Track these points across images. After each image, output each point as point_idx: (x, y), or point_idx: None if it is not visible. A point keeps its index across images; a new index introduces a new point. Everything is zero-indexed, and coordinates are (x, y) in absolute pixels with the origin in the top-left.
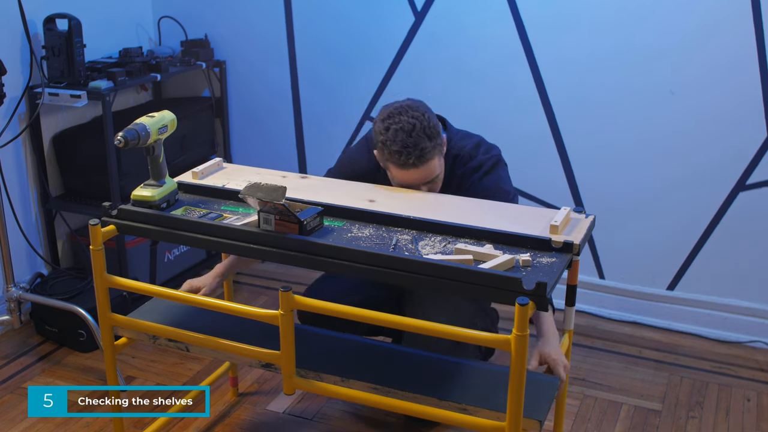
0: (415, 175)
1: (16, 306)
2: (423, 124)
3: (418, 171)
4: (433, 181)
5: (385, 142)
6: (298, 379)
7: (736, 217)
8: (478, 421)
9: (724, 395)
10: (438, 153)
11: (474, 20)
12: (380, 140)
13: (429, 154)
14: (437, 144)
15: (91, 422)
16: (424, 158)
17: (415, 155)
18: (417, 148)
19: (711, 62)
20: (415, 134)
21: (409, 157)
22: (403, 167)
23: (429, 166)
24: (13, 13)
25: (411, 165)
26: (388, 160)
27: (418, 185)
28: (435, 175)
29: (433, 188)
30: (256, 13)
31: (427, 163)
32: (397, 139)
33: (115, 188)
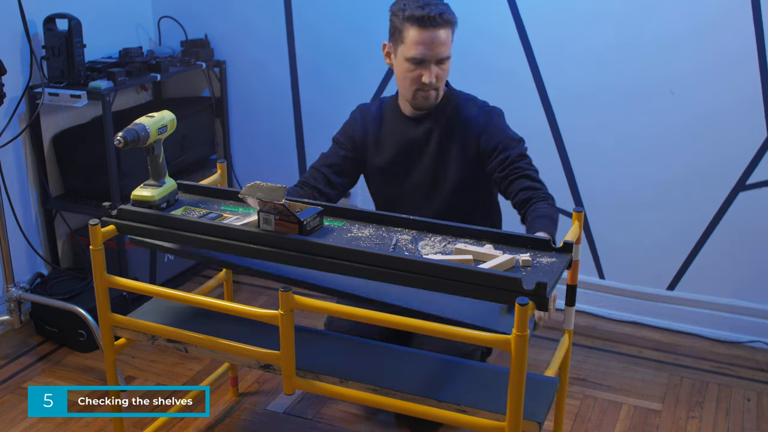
0: (432, 39)
1: (16, 306)
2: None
3: (436, 34)
4: (443, 61)
5: (406, 4)
6: (298, 379)
7: (736, 217)
8: (478, 422)
9: (724, 395)
10: (452, 29)
11: (473, 18)
12: (400, 6)
13: (448, 17)
14: (454, 17)
15: (91, 422)
16: (444, 18)
17: (436, 11)
18: (438, 7)
19: (711, 62)
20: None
21: (431, 11)
22: (424, 26)
23: (444, 34)
24: (13, 13)
25: (431, 22)
26: (407, 20)
27: (431, 60)
28: (447, 54)
29: (441, 75)
30: (256, 12)
31: (444, 28)
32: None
33: (115, 188)
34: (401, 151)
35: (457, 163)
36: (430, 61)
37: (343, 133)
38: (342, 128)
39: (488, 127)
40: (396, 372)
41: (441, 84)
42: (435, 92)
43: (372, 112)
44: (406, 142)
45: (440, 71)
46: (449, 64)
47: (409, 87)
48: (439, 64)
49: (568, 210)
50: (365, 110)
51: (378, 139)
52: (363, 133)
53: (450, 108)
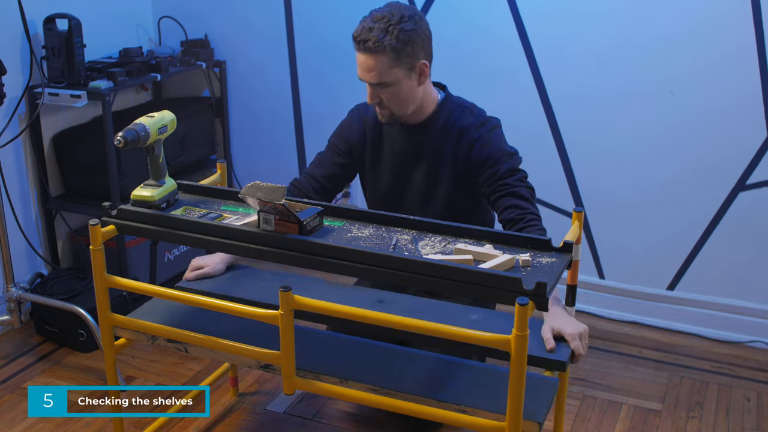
0: (362, 61)
1: (16, 306)
2: (392, 20)
3: (365, 59)
4: (381, 86)
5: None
6: (298, 379)
7: (736, 217)
8: (478, 422)
9: (724, 395)
10: (389, 56)
11: (473, 19)
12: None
13: (375, 46)
14: (390, 45)
15: (91, 422)
16: (368, 47)
17: (363, 36)
18: (370, 32)
19: (711, 62)
20: (380, 23)
21: (359, 35)
22: (357, 47)
23: (372, 60)
24: (13, 13)
25: (360, 46)
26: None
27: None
28: (378, 81)
29: (387, 97)
30: (256, 12)
31: (374, 55)
32: (365, 20)
33: (115, 188)
34: (397, 161)
35: (451, 174)
36: (367, 83)
37: (340, 136)
38: (339, 130)
39: (481, 138)
40: (396, 372)
41: (392, 106)
42: (387, 111)
43: (370, 114)
44: (401, 152)
45: (383, 94)
46: (398, 88)
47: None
48: (380, 88)
49: (568, 210)
50: (363, 113)
51: (375, 146)
52: (360, 136)
53: (445, 118)
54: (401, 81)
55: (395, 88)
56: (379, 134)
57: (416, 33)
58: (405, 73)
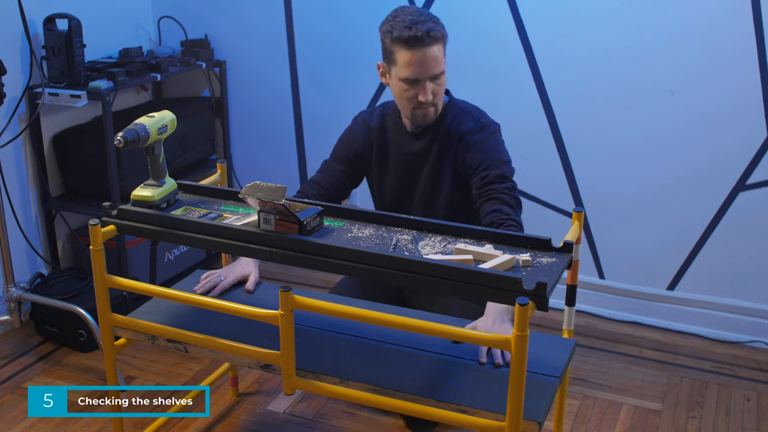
0: (423, 57)
1: (16, 306)
2: (427, 13)
3: (426, 52)
4: (438, 77)
5: (393, 25)
6: (298, 379)
7: (736, 217)
8: (478, 422)
9: (724, 395)
10: (443, 43)
11: (473, 19)
12: (387, 27)
13: (437, 34)
14: (443, 31)
15: (91, 422)
16: (432, 36)
17: (423, 29)
18: (425, 25)
19: (711, 62)
20: (423, 16)
21: (418, 30)
22: (413, 45)
23: (435, 51)
24: (13, 13)
25: (419, 42)
26: (396, 42)
27: (425, 79)
28: (441, 70)
29: (437, 90)
30: (256, 13)
31: (433, 45)
32: (406, 19)
33: (115, 188)
34: (402, 166)
35: (451, 178)
36: (424, 80)
37: (344, 147)
38: (343, 138)
39: (477, 143)
40: (396, 372)
41: (438, 99)
42: (434, 108)
43: (374, 124)
44: (407, 158)
45: (436, 87)
46: (445, 77)
47: (407, 106)
48: (434, 81)
49: (568, 210)
50: (367, 122)
51: (381, 148)
52: (365, 142)
53: (447, 122)
54: (445, 69)
55: (444, 77)
56: (384, 141)
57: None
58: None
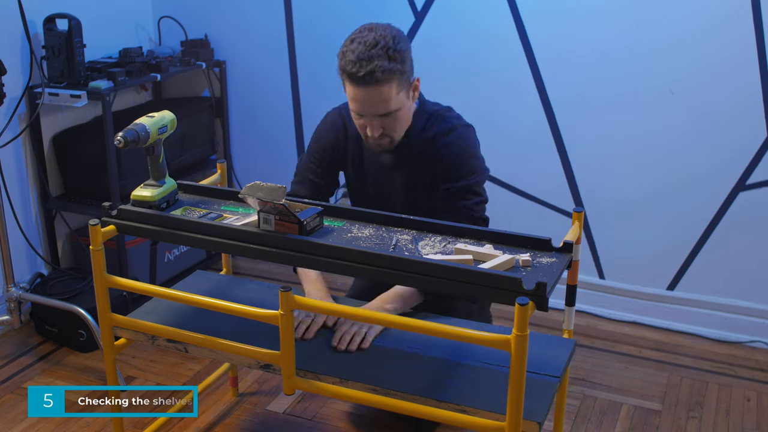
0: (366, 96)
1: (16, 306)
2: (388, 44)
3: (369, 92)
4: (387, 115)
5: (345, 52)
6: (298, 379)
7: (736, 217)
8: (478, 422)
9: (724, 395)
10: (396, 81)
11: (473, 20)
12: (341, 53)
13: (384, 75)
14: (397, 69)
15: (91, 422)
16: (376, 77)
17: (367, 69)
18: (371, 63)
19: (711, 62)
20: (376, 50)
21: (360, 69)
22: (355, 83)
23: (381, 91)
24: (13, 13)
25: (362, 80)
26: (343, 72)
27: (371, 116)
28: (388, 110)
29: (389, 126)
30: (256, 13)
31: (379, 86)
32: (356, 50)
33: (115, 188)
34: (377, 174)
35: (429, 183)
36: (371, 116)
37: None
38: (316, 139)
39: (443, 147)
40: (396, 372)
41: (394, 132)
42: (388, 139)
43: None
44: (380, 166)
45: (388, 121)
46: (402, 112)
47: (359, 132)
48: (386, 118)
49: (568, 210)
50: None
51: (356, 156)
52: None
53: (420, 127)
54: (404, 104)
55: (400, 113)
56: (360, 147)
57: (408, 49)
58: (406, 94)
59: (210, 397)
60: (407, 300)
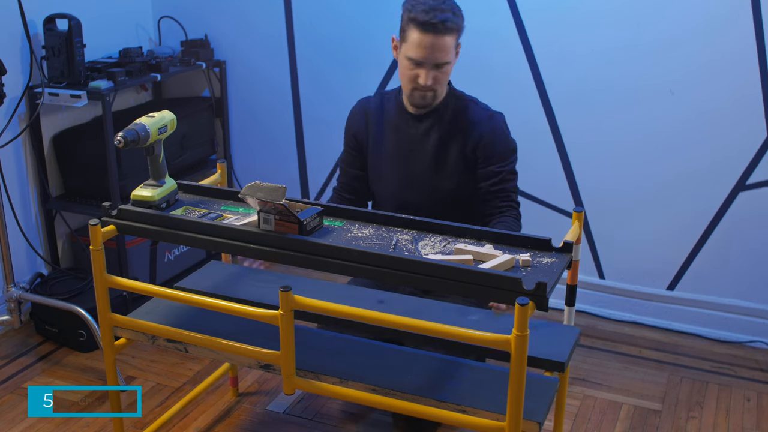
0: (432, 43)
1: (16, 306)
2: (452, 3)
3: (436, 40)
4: (442, 66)
5: (413, 4)
6: (298, 379)
7: (736, 217)
8: (478, 422)
9: (724, 395)
10: (457, 35)
11: (473, 19)
12: (408, 5)
13: (452, 25)
14: (460, 24)
15: (91, 422)
16: (446, 26)
17: (440, 18)
18: (443, 13)
19: (710, 61)
20: (446, 4)
21: (434, 16)
22: (424, 29)
23: (445, 41)
24: (13, 13)
25: (432, 28)
26: (411, 21)
27: (429, 64)
28: (446, 60)
29: (440, 78)
30: (256, 13)
31: (445, 35)
32: (427, 2)
33: (115, 188)
34: (400, 147)
35: (456, 164)
36: (428, 65)
37: (347, 132)
38: (346, 126)
39: (489, 132)
40: (396, 372)
41: (439, 86)
42: (432, 93)
43: (372, 106)
44: (406, 138)
45: (439, 74)
46: (450, 67)
47: (407, 85)
48: (438, 68)
49: (568, 210)
50: (365, 104)
51: (378, 132)
52: (363, 127)
53: (452, 108)
54: (453, 59)
55: (450, 66)
56: (381, 122)
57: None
58: (456, 52)
59: (210, 397)
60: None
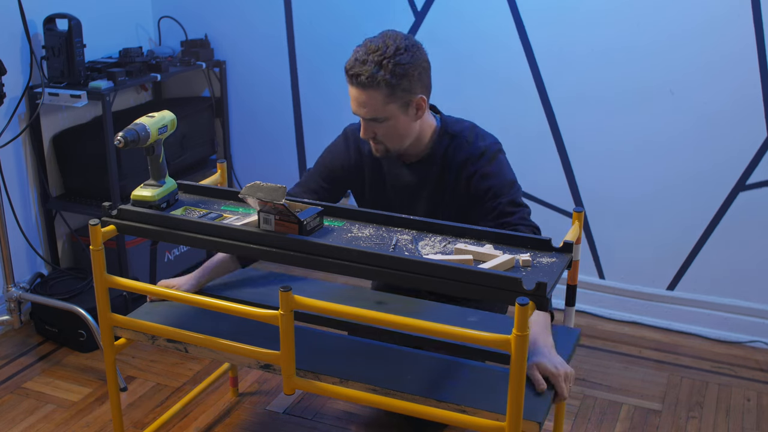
0: (354, 95)
1: (16, 306)
2: (387, 53)
3: (359, 93)
4: (375, 121)
5: (354, 50)
6: (298, 379)
7: (736, 217)
8: (478, 422)
9: (724, 395)
10: (384, 92)
11: (473, 20)
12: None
13: (372, 81)
14: (384, 80)
15: (91, 422)
16: (361, 81)
17: (356, 70)
18: (363, 67)
19: (710, 62)
20: (374, 56)
21: (352, 68)
22: (349, 80)
23: (367, 95)
24: (13, 13)
25: (354, 80)
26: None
27: (361, 115)
28: (372, 116)
29: (381, 133)
30: (256, 13)
31: (367, 90)
32: (359, 51)
33: (115, 188)
34: (399, 195)
35: (453, 209)
36: (361, 117)
37: (333, 162)
38: (331, 154)
39: (479, 170)
40: (396, 372)
41: (387, 141)
42: (382, 146)
43: (366, 147)
44: (403, 187)
45: (377, 128)
46: (393, 122)
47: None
48: (374, 123)
49: (568, 210)
50: (360, 143)
51: (376, 179)
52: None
53: (443, 150)
54: (397, 116)
55: (390, 123)
56: (378, 166)
57: (413, 66)
58: (400, 108)
59: (210, 397)
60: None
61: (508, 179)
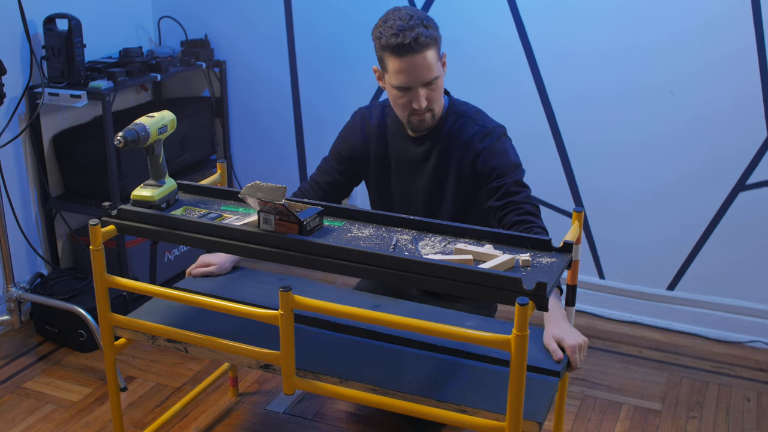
0: (412, 65)
1: (16, 306)
2: (420, 15)
3: (415, 59)
4: (432, 83)
5: (382, 31)
6: (298, 379)
7: (736, 217)
8: (478, 422)
9: (724, 395)
10: (435, 47)
11: (473, 19)
12: (377, 33)
13: (425, 39)
14: (434, 35)
15: (91, 422)
16: (420, 42)
17: (411, 36)
18: (413, 31)
19: (710, 62)
20: (412, 21)
21: (405, 37)
22: (400, 53)
23: (426, 57)
24: (13, 13)
25: (407, 49)
26: (384, 50)
27: (417, 86)
28: (434, 76)
29: (433, 96)
30: (256, 13)
31: (423, 51)
32: (395, 25)
33: (115, 188)
34: (402, 169)
35: (454, 185)
36: (416, 87)
37: (342, 143)
38: (341, 136)
39: (485, 150)
40: (396, 372)
41: (435, 104)
42: (430, 113)
43: (374, 122)
44: (407, 161)
45: (430, 92)
46: (441, 81)
47: (402, 113)
48: (428, 86)
49: (568, 210)
50: (366, 118)
51: (380, 152)
52: (363, 144)
53: (450, 128)
54: (441, 73)
55: (440, 81)
56: (384, 144)
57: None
58: (441, 63)
59: (210, 397)
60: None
61: (513, 161)
